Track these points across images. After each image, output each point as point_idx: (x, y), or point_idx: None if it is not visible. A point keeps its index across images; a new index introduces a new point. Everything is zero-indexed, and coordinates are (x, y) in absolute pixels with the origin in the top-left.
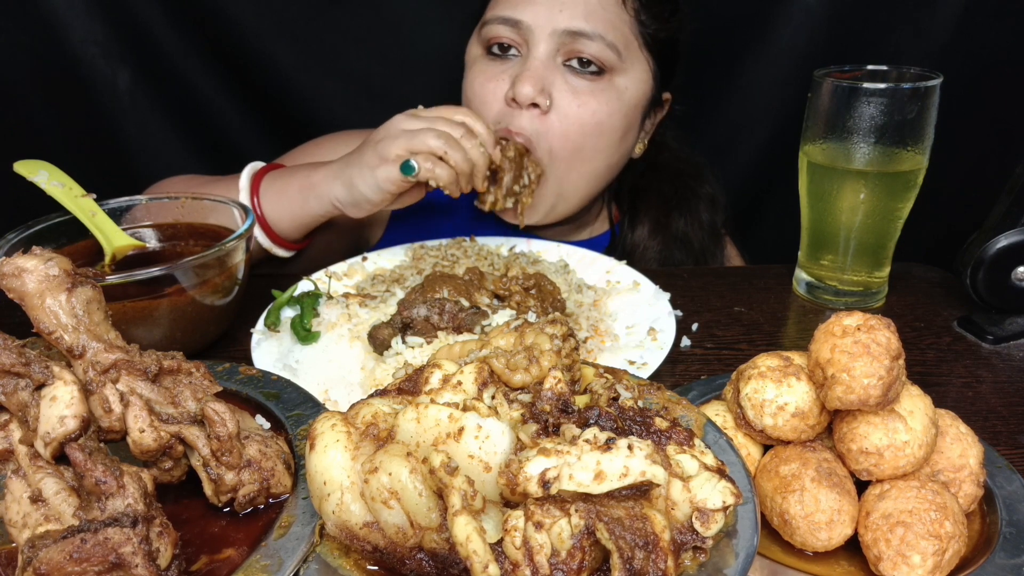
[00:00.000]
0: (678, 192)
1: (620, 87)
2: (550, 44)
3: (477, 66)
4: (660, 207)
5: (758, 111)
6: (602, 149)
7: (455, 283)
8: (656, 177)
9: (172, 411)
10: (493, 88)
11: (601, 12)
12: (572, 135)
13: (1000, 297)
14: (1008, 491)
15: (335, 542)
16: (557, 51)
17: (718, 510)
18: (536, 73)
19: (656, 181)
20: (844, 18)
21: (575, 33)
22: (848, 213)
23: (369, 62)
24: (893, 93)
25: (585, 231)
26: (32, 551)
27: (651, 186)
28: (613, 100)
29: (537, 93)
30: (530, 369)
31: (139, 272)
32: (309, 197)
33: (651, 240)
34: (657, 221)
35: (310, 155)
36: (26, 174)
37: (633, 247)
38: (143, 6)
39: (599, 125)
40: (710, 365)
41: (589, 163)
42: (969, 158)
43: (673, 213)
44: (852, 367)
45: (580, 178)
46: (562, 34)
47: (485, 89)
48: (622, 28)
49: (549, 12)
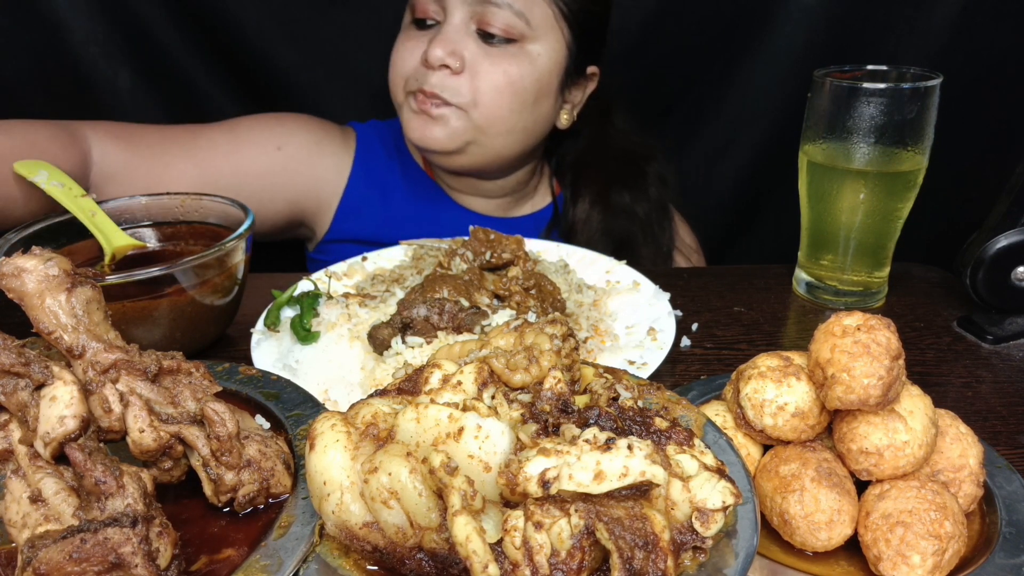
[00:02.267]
0: (623, 169)
1: (532, 53)
2: (463, 12)
3: (404, 33)
4: (602, 182)
5: (758, 111)
6: (517, 109)
7: (455, 283)
8: (601, 155)
9: (172, 411)
10: (410, 48)
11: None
12: (485, 91)
13: (1000, 297)
14: (1008, 491)
15: (335, 542)
16: (471, 19)
17: (718, 510)
18: (448, 37)
19: (600, 158)
20: (843, 18)
21: (485, 1)
22: (848, 213)
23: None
24: (893, 93)
25: (527, 205)
26: (32, 551)
27: (594, 162)
28: (525, 64)
29: (447, 55)
30: (530, 369)
31: (139, 272)
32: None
33: (592, 211)
34: (598, 194)
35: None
36: (26, 174)
37: (575, 221)
38: (144, 6)
39: (511, 84)
40: (710, 365)
41: (506, 120)
42: (969, 158)
43: (614, 187)
44: (852, 367)
45: (497, 132)
46: (475, 3)
47: (403, 48)
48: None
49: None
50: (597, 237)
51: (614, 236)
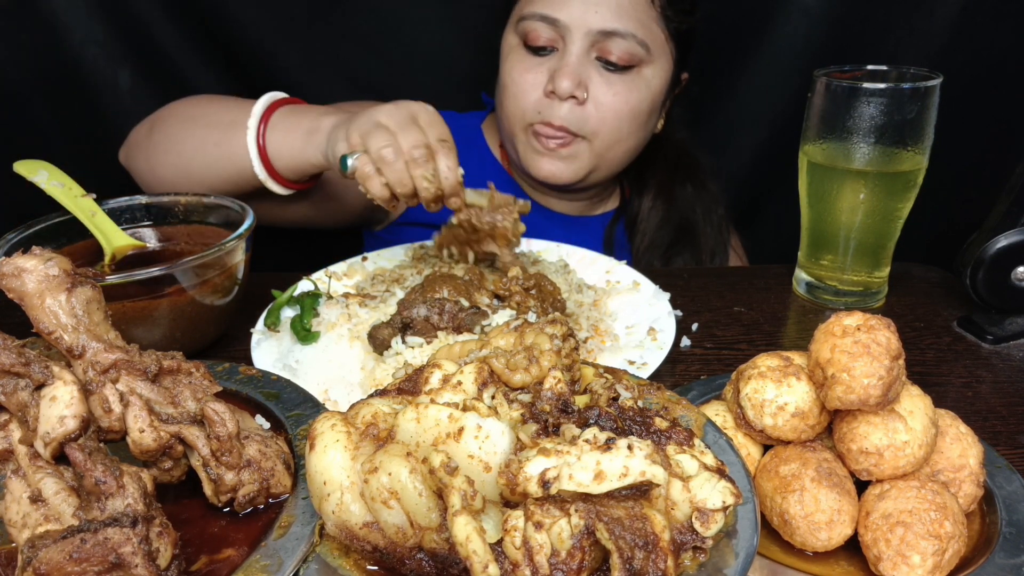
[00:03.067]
0: (683, 162)
1: (648, 77)
2: (585, 42)
3: (515, 55)
4: (665, 175)
5: (758, 111)
6: (634, 131)
7: (455, 283)
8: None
9: (172, 411)
10: (532, 79)
11: (631, 11)
12: (608, 120)
13: (1000, 297)
14: (1008, 491)
15: (335, 542)
16: (591, 48)
17: (718, 510)
18: (573, 68)
19: (662, 152)
20: (843, 18)
21: (608, 32)
22: (848, 213)
23: (369, 62)
24: (893, 93)
25: (600, 207)
26: (32, 551)
27: (657, 157)
28: (643, 88)
29: (575, 87)
30: (530, 369)
31: (139, 272)
32: (309, 143)
33: (656, 203)
34: (661, 187)
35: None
36: (26, 174)
37: (638, 212)
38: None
39: (632, 111)
40: (710, 365)
41: (624, 143)
42: (969, 158)
43: (678, 179)
44: (852, 367)
45: (615, 155)
46: (596, 33)
47: (524, 79)
48: (650, 24)
49: (584, 12)
50: (657, 227)
51: (675, 225)
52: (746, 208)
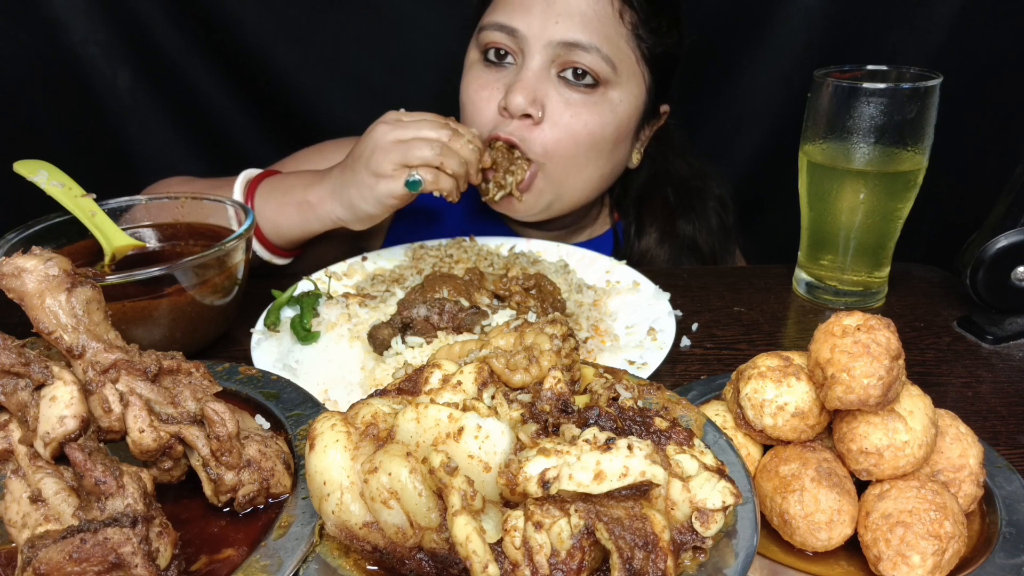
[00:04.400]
0: (686, 198)
1: (614, 100)
2: (545, 55)
3: (472, 71)
4: (666, 214)
5: (758, 111)
6: (594, 159)
7: (455, 283)
8: (663, 185)
9: (172, 411)
10: (487, 96)
11: (597, 24)
12: (564, 143)
13: (1000, 297)
14: (1008, 491)
15: (335, 542)
16: (552, 62)
17: (718, 510)
18: (529, 84)
19: (663, 189)
20: (843, 18)
21: (570, 44)
22: (848, 213)
23: (369, 62)
24: (893, 93)
25: (584, 233)
26: (32, 551)
27: (657, 194)
28: (606, 112)
29: (529, 104)
30: (530, 369)
31: (139, 272)
32: (309, 217)
33: (659, 248)
34: (664, 227)
35: (306, 163)
36: (26, 174)
37: (641, 256)
38: (144, 6)
39: (591, 135)
40: (710, 365)
41: (582, 171)
42: (969, 158)
43: (680, 218)
44: (852, 367)
45: (575, 184)
46: (557, 45)
47: (479, 96)
48: (618, 42)
49: (544, 22)
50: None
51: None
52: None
